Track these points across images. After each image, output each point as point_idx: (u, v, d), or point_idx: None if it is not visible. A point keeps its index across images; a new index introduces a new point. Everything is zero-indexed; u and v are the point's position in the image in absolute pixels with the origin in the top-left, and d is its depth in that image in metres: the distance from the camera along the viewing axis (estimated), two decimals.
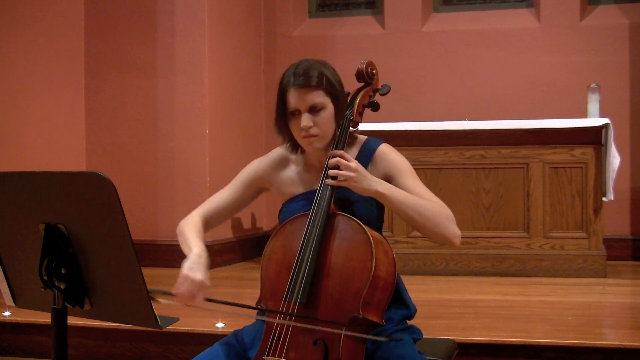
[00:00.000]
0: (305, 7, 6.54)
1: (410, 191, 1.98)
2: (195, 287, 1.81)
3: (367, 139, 2.11)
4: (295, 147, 2.09)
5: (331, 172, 1.93)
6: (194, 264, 1.86)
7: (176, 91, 5.42)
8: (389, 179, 2.02)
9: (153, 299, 1.70)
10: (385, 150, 2.08)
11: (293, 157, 2.14)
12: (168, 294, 1.77)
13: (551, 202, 4.84)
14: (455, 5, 6.28)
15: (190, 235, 2.03)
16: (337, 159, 1.93)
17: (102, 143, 5.61)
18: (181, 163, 5.42)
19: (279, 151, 2.17)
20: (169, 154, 5.45)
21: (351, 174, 1.90)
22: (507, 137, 4.90)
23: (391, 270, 1.89)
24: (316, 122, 1.98)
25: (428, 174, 4.93)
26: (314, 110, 1.98)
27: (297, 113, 1.99)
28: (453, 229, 1.97)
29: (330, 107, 1.99)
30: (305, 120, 1.97)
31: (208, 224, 2.14)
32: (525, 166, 4.87)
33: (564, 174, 4.83)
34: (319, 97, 1.97)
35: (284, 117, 2.03)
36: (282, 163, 2.15)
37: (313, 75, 1.97)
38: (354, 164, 1.92)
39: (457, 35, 6.10)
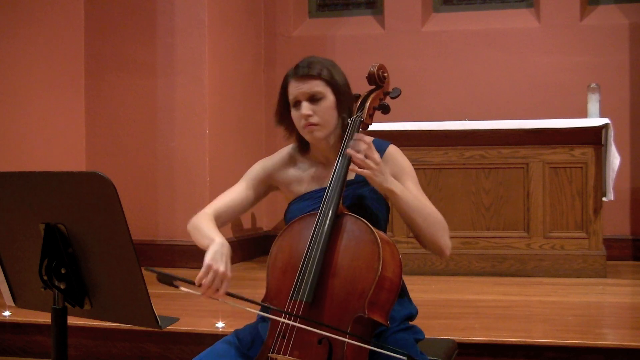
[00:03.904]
0: (305, 7, 6.54)
1: None
2: (219, 279, 1.78)
3: (374, 140, 2.10)
4: (302, 144, 2.12)
5: (358, 156, 1.90)
6: (217, 254, 1.82)
7: (176, 91, 5.42)
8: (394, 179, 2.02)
9: (173, 284, 1.66)
10: (394, 152, 2.11)
11: (300, 156, 2.16)
12: (191, 283, 1.73)
13: (551, 202, 4.83)
14: (455, 5, 6.28)
15: (208, 227, 1.98)
16: (367, 146, 1.92)
17: (102, 143, 5.61)
18: (181, 163, 5.42)
19: (286, 150, 2.19)
20: (169, 154, 5.45)
21: (374, 166, 1.91)
22: (507, 137, 4.90)
23: (397, 272, 1.89)
24: (316, 111, 2.01)
25: (428, 174, 4.92)
26: (314, 99, 2.01)
27: (298, 104, 2.03)
28: (447, 239, 2.02)
29: (330, 97, 2.02)
30: (305, 108, 2.01)
31: (218, 221, 2.06)
32: (525, 166, 4.87)
33: (564, 174, 4.82)
34: (319, 87, 2.01)
35: (286, 110, 2.07)
36: (290, 161, 2.17)
37: (313, 66, 2.02)
38: (379, 157, 1.93)
39: (457, 35, 6.10)
